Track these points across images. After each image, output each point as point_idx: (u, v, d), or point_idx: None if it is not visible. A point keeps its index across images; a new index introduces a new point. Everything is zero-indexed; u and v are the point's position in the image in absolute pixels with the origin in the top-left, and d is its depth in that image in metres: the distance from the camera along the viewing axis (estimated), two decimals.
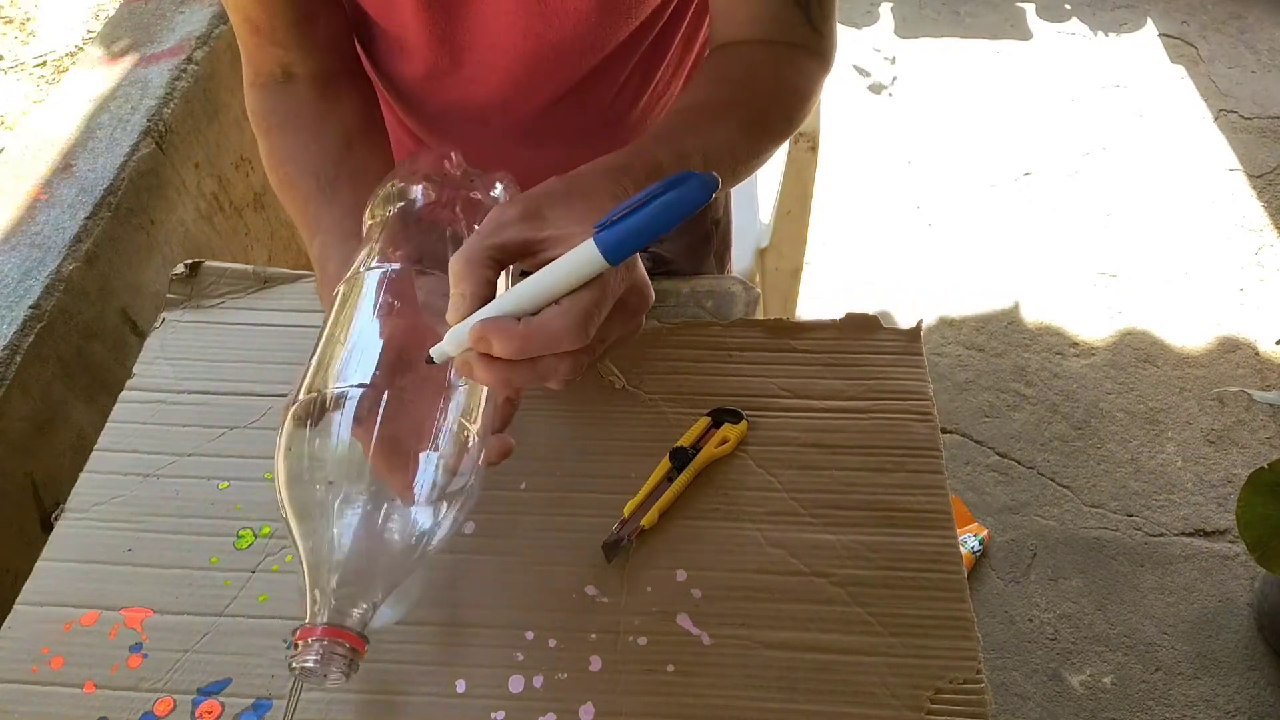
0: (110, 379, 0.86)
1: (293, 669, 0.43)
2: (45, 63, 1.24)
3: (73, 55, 1.25)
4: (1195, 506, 1.57)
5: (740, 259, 1.26)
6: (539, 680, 0.53)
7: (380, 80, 0.74)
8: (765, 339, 0.69)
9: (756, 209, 1.36)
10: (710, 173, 0.39)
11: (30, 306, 0.79)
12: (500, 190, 0.57)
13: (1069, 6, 2.54)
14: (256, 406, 0.66)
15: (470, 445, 0.48)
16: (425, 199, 0.54)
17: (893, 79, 2.36)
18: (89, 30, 1.28)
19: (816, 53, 0.63)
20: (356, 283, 0.51)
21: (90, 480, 0.62)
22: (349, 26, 0.68)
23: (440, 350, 0.44)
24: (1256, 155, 2.15)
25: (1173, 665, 1.40)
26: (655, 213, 0.38)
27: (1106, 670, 1.40)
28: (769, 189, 1.34)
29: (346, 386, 0.46)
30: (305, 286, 0.73)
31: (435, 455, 0.46)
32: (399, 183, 0.56)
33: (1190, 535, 1.54)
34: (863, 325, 0.69)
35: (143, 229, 0.93)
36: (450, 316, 0.43)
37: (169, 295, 0.73)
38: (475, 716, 0.52)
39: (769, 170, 1.14)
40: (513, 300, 0.41)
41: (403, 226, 0.53)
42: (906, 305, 1.88)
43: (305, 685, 0.52)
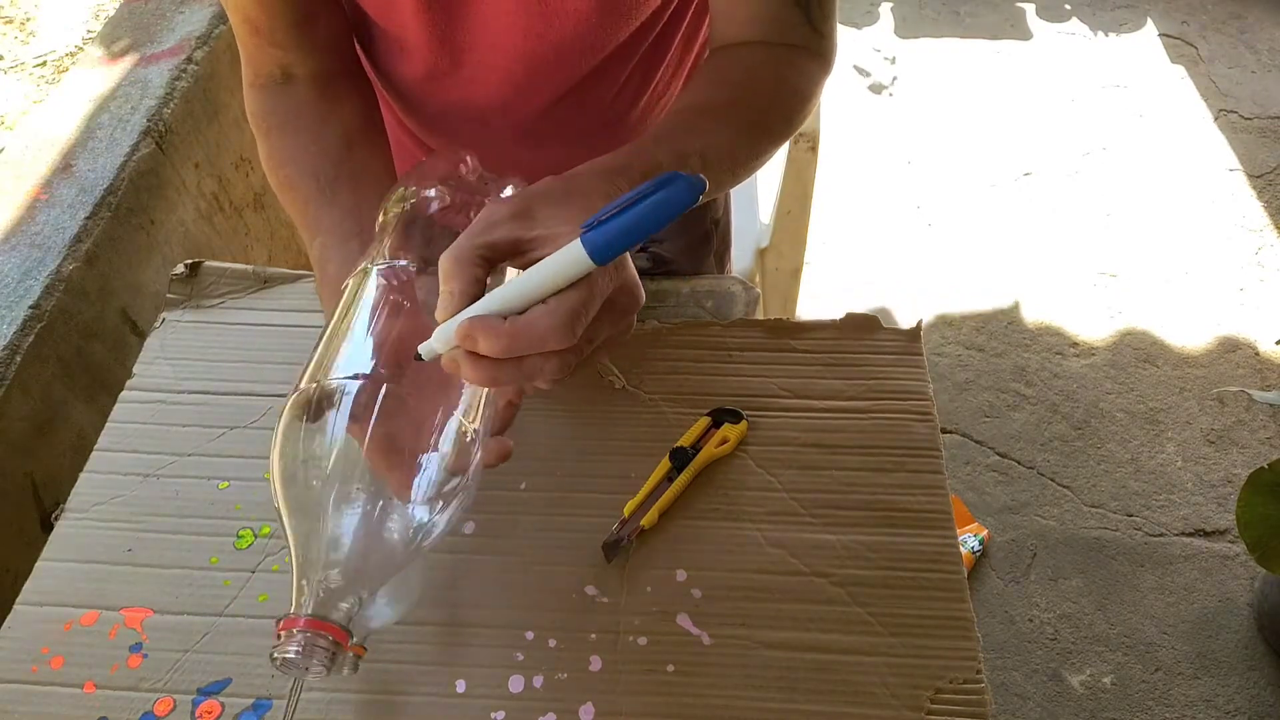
0: (110, 379, 0.86)
1: (274, 659, 0.42)
2: (45, 63, 1.24)
3: (73, 55, 1.25)
4: (1195, 506, 1.57)
5: (740, 259, 1.26)
6: (539, 680, 0.53)
7: (380, 81, 0.74)
8: (765, 339, 0.69)
9: (756, 209, 1.36)
10: (697, 175, 0.38)
11: (30, 306, 0.79)
12: (512, 193, 0.57)
13: (1069, 6, 2.54)
14: (256, 406, 0.66)
15: (469, 444, 0.48)
16: (440, 202, 0.54)
17: (893, 79, 2.36)
18: (89, 30, 1.28)
19: (817, 54, 0.63)
20: (363, 279, 0.51)
21: (90, 480, 0.62)
22: (349, 27, 0.68)
23: (428, 347, 0.44)
24: (1256, 155, 2.15)
25: (1173, 665, 1.40)
26: (642, 214, 0.38)
27: (1106, 670, 1.40)
28: (769, 189, 1.34)
29: (344, 379, 0.46)
30: (305, 286, 0.73)
31: (433, 453, 0.46)
32: (413, 186, 0.55)
33: (1190, 535, 1.54)
34: (863, 325, 0.69)
35: (143, 229, 0.93)
36: (439, 314, 0.43)
37: (169, 295, 0.73)
38: (475, 716, 0.52)
39: (769, 170, 1.14)
40: (500, 299, 0.42)
41: (414, 228, 0.53)
42: (906, 305, 1.88)
43: (305, 685, 0.52)
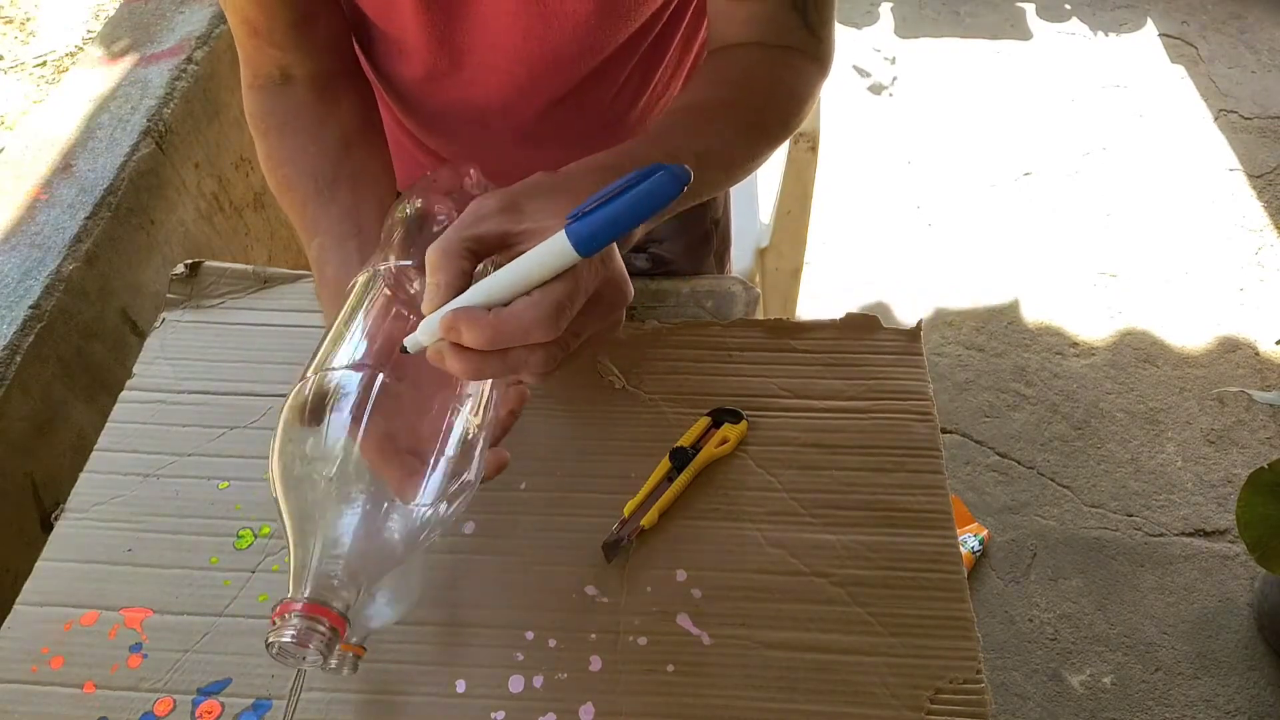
0: (110, 379, 0.86)
1: (269, 645, 0.41)
2: (45, 63, 1.24)
3: (73, 55, 1.24)
4: (1195, 506, 1.57)
5: (740, 259, 1.26)
6: (539, 680, 0.53)
7: (379, 82, 0.74)
8: (765, 339, 0.69)
9: (756, 209, 1.36)
10: (682, 165, 0.38)
11: (30, 306, 0.79)
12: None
13: (1069, 6, 2.54)
14: (256, 406, 0.66)
15: (472, 442, 0.48)
16: (446, 217, 0.55)
17: (893, 79, 2.36)
18: (89, 30, 1.28)
19: (814, 57, 0.63)
20: (365, 284, 0.51)
21: (90, 480, 0.62)
22: (348, 28, 0.68)
23: (414, 339, 0.44)
24: (1256, 155, 2.15)
25: (1173, 665, 1.40)
26: (626, 205, 0.38)
27: (1106, 670, 1.40)
28: (769, 189, 1.34)
29: (344, 376, 0.46)
30: (305, 286, 0.73)
31: (435, 451, 0.46)
32: (417, 199, 0.56)
33: (1190, 535, 1.54)
34: (863, 325, 0.69)
35: (143, 229, 0.93)
36: (425, 306, 0.43)
37: (169, 295, 0.73)
38: (475, 716, 0.52)
39: (769, 170, 1.14)
40: (485, 291, 0.42)
41: (417, 239, 0.53)
42: (906, 305, 1.88)
43: (304, 685, 0.52)
